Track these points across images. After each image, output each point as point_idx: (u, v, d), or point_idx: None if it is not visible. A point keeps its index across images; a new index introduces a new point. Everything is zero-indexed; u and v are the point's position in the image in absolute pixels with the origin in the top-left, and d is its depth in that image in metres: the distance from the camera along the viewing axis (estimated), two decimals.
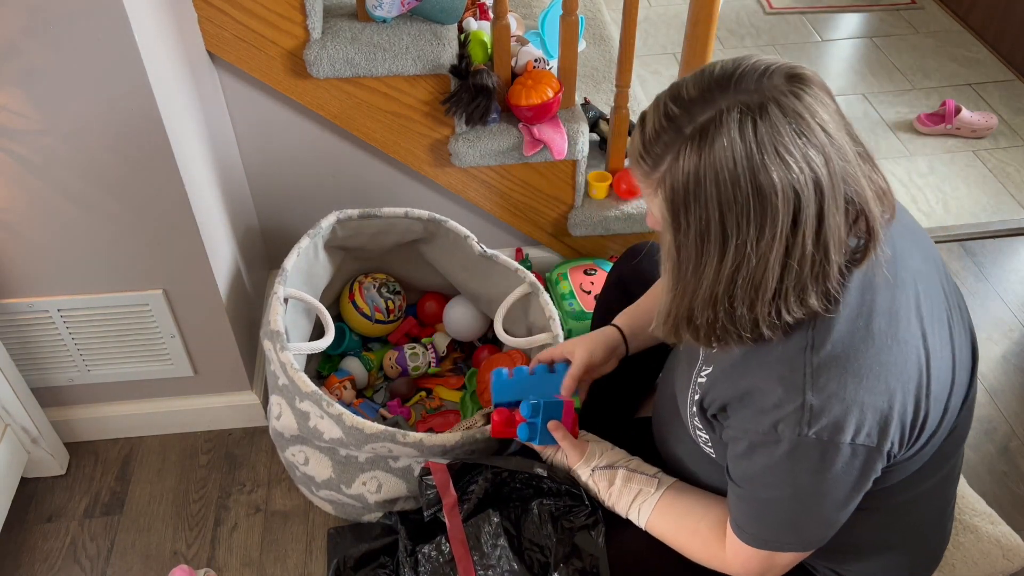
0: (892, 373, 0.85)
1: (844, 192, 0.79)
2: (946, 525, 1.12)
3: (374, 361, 1.81)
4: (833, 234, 0.79)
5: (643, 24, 3.07)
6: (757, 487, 0.92)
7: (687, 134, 0.78)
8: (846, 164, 0.78)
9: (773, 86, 0.78)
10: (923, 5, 3.21)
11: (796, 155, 0.76)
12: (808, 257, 0.79)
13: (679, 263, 0.84)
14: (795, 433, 0.84)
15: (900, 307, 0.87)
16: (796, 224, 0.78)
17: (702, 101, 0.79)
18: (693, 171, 0.78)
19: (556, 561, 1.14)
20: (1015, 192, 2.40)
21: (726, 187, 0.77)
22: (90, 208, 1.37)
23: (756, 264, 0.79)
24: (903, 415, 0.86)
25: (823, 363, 0.84)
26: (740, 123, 0.76)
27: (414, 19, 1.66)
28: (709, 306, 0.84)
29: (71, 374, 1.63)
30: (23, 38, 1.17)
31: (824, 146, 0.77)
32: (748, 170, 0.76)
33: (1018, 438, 1.79)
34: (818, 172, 0.77)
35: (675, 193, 0.80)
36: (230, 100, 1.69)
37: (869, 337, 0.85)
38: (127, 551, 1.58)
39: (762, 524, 0.94)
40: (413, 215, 1.67)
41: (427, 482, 1.29)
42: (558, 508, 1.18)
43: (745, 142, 0.76)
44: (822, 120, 0.77)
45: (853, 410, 0.83)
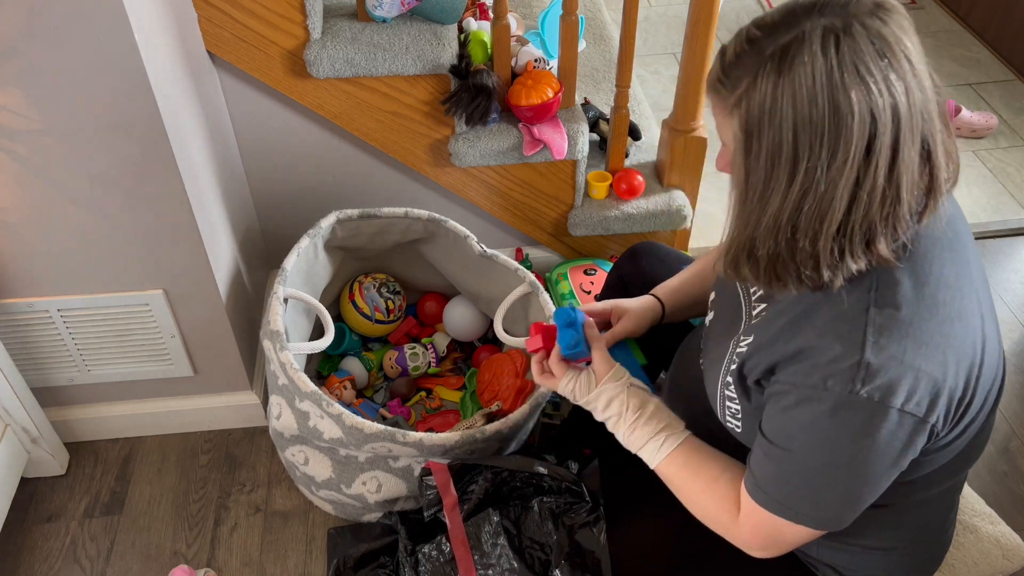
0: (952, 347, 0.83)
1: (921, 128, 0.77)
2: (949, 531, 1.11)
3: (374, 361, 1.81)
4: (907, 170, 0.77)
5: (643, 24, 3.07)
6: (791, 445, 0.88)
7: (768, 54, 0.78)
8: (926, 99, 0.77)
9: (859, 9, 0.76)
10: (923, 5, 3.21)
11: (877, 77, 0.74)
12: (879, 191, 0.77)
13: (747, 188, 0.82)
14: (846, 390, 0.82)
15: (964, 286, 0.87)
16: (870, 152, 0.76)
17: (785, 24, 0.78)
18: (771, 90, 0.77)
19: (557, 558, 1.14)
20: (1015, 192, 2.40)
21: (803, 106, 0.76)
22: (90, 208, 1.37)
23: (824, 191, 0.78)
24: (953, 390, 0.84)
25: (886, 324, 0.83)
26: (823, 41, 0.75)
27: (414, 19, 1.66)
28: (772, 235, 0.82)
29: (71, 374, 1.63)
30: (23, 38, 1.17)
31: (906, 73, 0.76)
32: (827, 88, 0.75)
33: (1018, 438, 1.79)
34: (897, 99, 0.75)
35: (750, 114, 0.79)
36: (230, 100, 1.69)
37: (935, 307, 0.84)
38: (127, 551, 1.58)
39: (784, 486, 0.90)
40: (413, 215, 1.67)
41: (427, 482, 1.29)
42: (559, 505, 1.18)
43: (827, 59, 0.75)
44: (906, 48, 0.76)
45: (908, 375, 0.81)
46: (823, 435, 0.85)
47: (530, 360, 1.62)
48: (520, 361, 1.62)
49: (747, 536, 0.96)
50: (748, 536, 0.96)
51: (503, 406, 1.55)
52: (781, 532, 0.93)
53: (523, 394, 1.56)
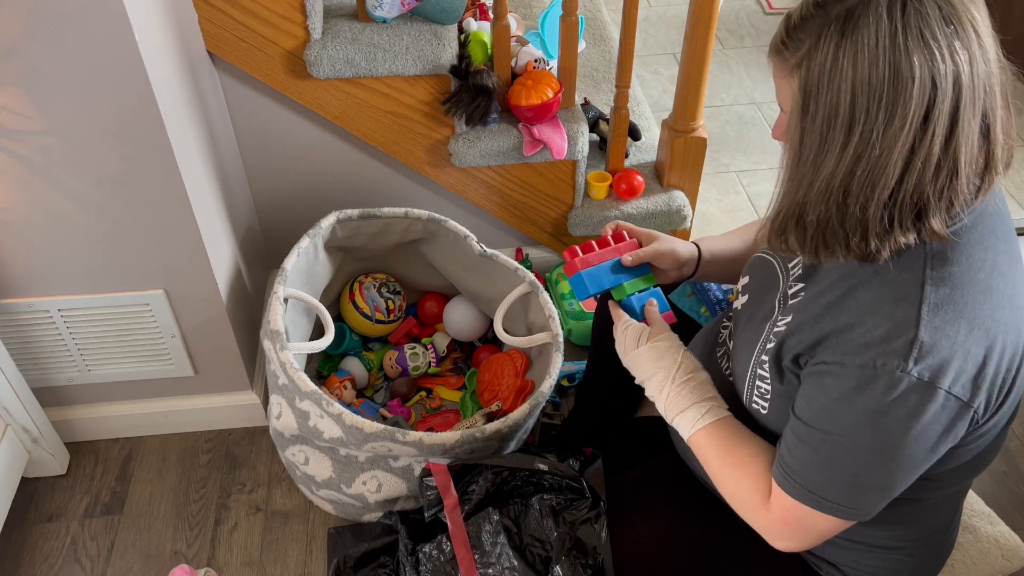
0: (1001, 331, 0.82)
1: (984, 102, 0.76)
2: (953, 534, 1.11)
3: (374, 361, 1.81)
4: (966, 141, 0.76)
5: (643, 24, 3.07)
6: (832, 427, 0.85)
7: (833, 15, 0.77)
8: (990, 72, 0.76)
9: None
10: None
11: (941, 43, 0.73)
12: (934, 160, 0.76)
13: (801, 151, 0.82)
14: (897, 368, 0.80)
15: (1017, 275, 0.86)
16: (927, 120, 0.75)
17: None
18: (833, 51, 0.76)
19: (557, 554, 1.14)
20: (1015, 192, 2.40)
21: (863, 67, 0.75)
22: (90, 208, 1.38)
23: (879, 156, 0.76)
24: (995, 378, 0.83)
25: (942, 302, 0.81)
26: (890, 4, 0.74)
27: (414, 19, 1.67)
28: (823, 200, 0.81)
29: (71, 374, 1.63)
30: (23, 38, 1.17)
31: (971, 43, 0.75)
32: (889, 50, 0.74)
33: (1018, 438, 1.79)
34: (960, 68, 0.74)
35: (810, 74, 0.78)
36: (230, 100, 1.69)
37: (988, 291, 0.83)
38: (127, 551, 1.58)
39: (818, 472, 0.87)
40: (413, 215, 1.67)
41: (427, 483, 1.29)
42: (559, 502, 1.18)
43: (892, 22, 0.74)
44: (974, 18, 0.75)
45: (959, 356, 0.80)
46: (868, 415, 0.82)
47: (531, 360, 1.63)
48: (520, 361, 1.62)
49: (776, 525, 0.93)
50: (778, 525, 0.93)
51: (503, 406, 1.55)
52: (812, 522, 0.90)
53: (523, 394, 1.56)
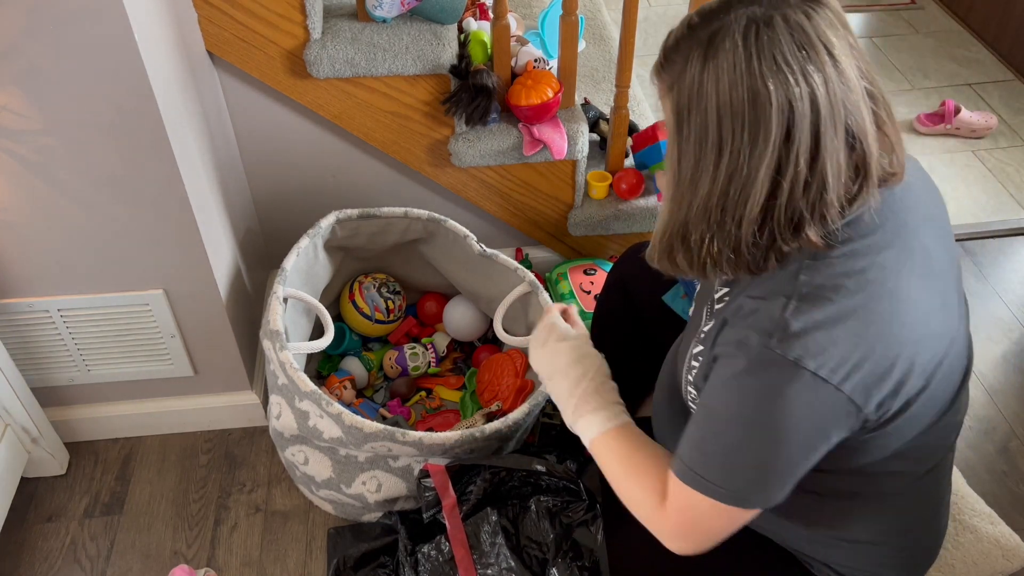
0: (876, 322, 0.85)
1: (844, 119, 0.79)
2: (940, 523, 1.11)
3: (374, 361, 1.81)
4: (831, 159, 0.79)
5: (643, 24, 3.07)
6: (711, 402, 0.91)
7: (699, 39, 0.81)
8: (848, 91, 0.79)
9: (787, 2, 0.79)
10: (923, 5, 3.21)
11: (794, 68, 0.77)
12: (801, 177, 0.80)
13: (679, 171, 0.85)
14: (761, 344, 0.84)
15: (902, 265, 0.88)
16: (789, 139, 0.78)
17: (718, 11, 0.81)
18: (698, 75, 0.80)
19: (553, 556, 1.14)
20: (1015, 192, 2.40)
21: (724, 91, 0.79)
22: (90, 208, 1.37)
23: (748, 175, 0.80)
24: (876, 365, 0.84)
25: (812, 292, 0.85)
26: (745, 31, 0.78)
27: (414, 19, 1.66)
28: (704, 219, 0.85)
29: (71, 374, 1.63)
30: (23, 38, 1.17)
31: (825, 65, 0.78)
32: (746, 75, 0.78)
33: (1018, 438, 1.79)
34: (815, 89, 0.77)
35: (681, 97, 0.82)
36: (230, 100, 1.69)
37: (864, 283, 0.85)
38: (127, 551, 1.58)
39: (700, 452, 0.91)
40: (412, 215, 1.67)
41: (425, 484, 1.29)
42: (556, 504, 1.18)
43: (747, 48, 0.77)
44: (828, 41, 0.78)
45: (826, 343, 0.83)
46: (737, 389, 0.87)
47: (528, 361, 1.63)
48: (520, 361, 1.62)
49: (671, 523, 0.96)
50: (672, 523, 0.96)
51: (503, 406, 1.55)
52: (701, 515, 0.93)
53: (523, 393, 1.56)
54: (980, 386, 1.89)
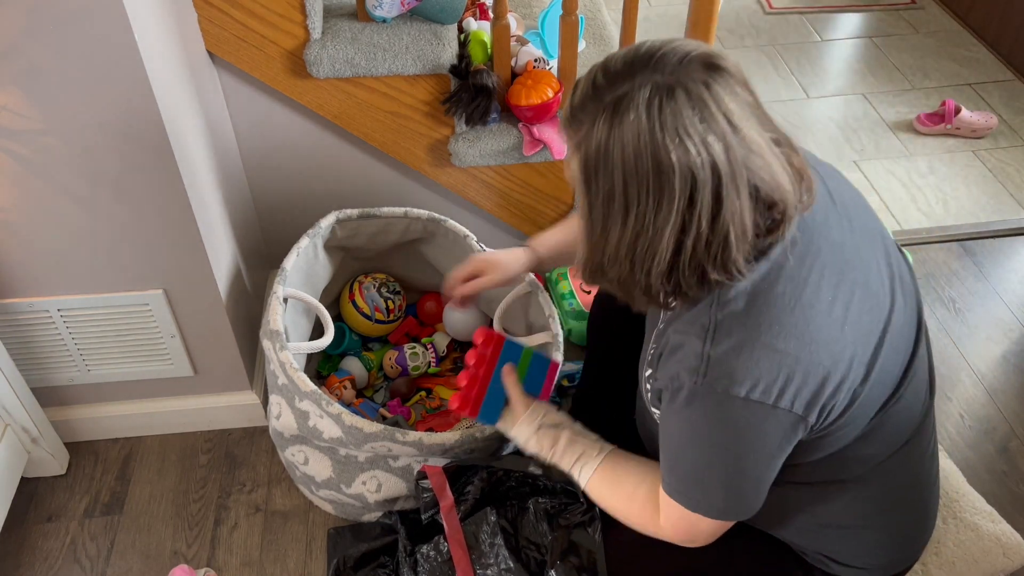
0: (792, 334, 0.88)
1: (748, 179, 0.82)
2: (924, 501, 1.12)
3: (374, 361, 1.81)
4: (733, 218, 0.83)
5: (643, 24, 3.07)
6: (668, 435, 0.97)
7: (604, 103, 0.83)
8: (749, 153, 0.82)
9: (688, 72, 0.82)
10: (923, 5, 3.21)
11: (695, 139, 0.80)
12: (703, 237, 0.83)
13: (591, 222, 0.89)
14: (692, 380, 0.90)
15: (809, 270, 0.91)
16: (692, 203, 0.82)
17: (623, 75, 0.83)
18: (604, 139, 0.83)
19: (552, 559, 1.14)
20: (1015, 192, 2.40)
21: (629, 158, 0.82)
22: (90, 208, 1.37)
23: (653, 235, 0.84)
24: (807, 376, 0.88)
25: (725, 318, 0.89)
26: (648, 101, 0.81)
27: (414, 19, 1.66)
28: (616, 264, 0.89)
29: (71, 374, 1.63)
30: (23, 38, 1.17)
31: (725, 134, 0.81)
32: (650, 144, 0.80)
33: (1018, 438, 1.79)
34: (716, 157, 0.80)
35: (588, 158, 0.85)
36: (230, 100, 1.69)
37: (772, 299, 0.89)
38: (127, 551, 1.58)
39: (675, 475, 0.98)
40: (413, 215, 1.67)
41: (423, 486, 1.29)
42: (554, 506, 1.19)
43: (650, 120, 0.80)
44: (727, 110, 0.81)
45: (749, 366, 0.87)
46: (685, 423, 0.94)
47: None
48: None
49: (670, 532, 1.03)
50: (671, 532, 1.03)
51: None
52: (695, 523, 0.99)
53: None
54: (980, 386, 1.89)
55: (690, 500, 0.97)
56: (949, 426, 1.81)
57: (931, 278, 2.15)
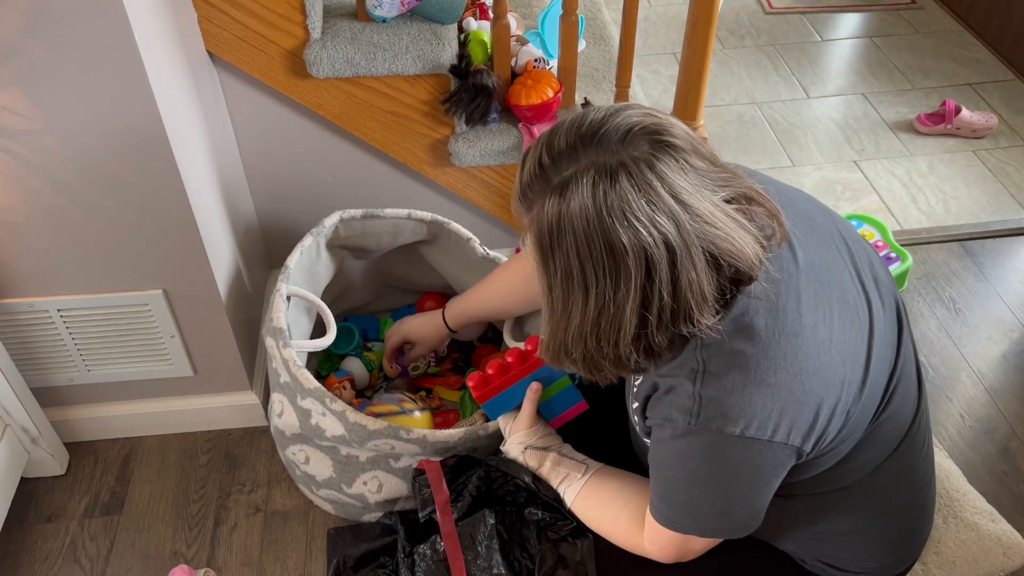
0: (780, 367, 0.87)
1: (703, 248, 0.81)
2: (922, 500, 1.12)
3: (375, 362, 1.81)
4: (691, 287, 0.82)
5: (643, 24, 3.07)
6: (659, 466, 0.98)
7: (552, 185, 0.82)
8: (702, 225, 0.80)
9: (631, 149, 0.80)
10: (923, 5, 3.21)
11: (644, 220, 0.79)
12: (667, 307, 0.82)
13: (551, 301, 0.88)
14: (685, 421, 0.89)
15: (788, 297, 0.90)
16: (650, 279, 0.81)
17: (567, 156, 0.82)
18: (556, 221, 0.82)
19: (542, 572, 1.14)
20: (1015, 192, 2.40)
21: (582, 242, 0.81)
22: (90, 208, 1.37)
23: (615, 311, 0.83)
24: (801, 408, 0.88)
25: (712, 358, 0.88)
26: (593, 186, 0.80)
27: (414, 19, 1.66)
28: (580, 342, 0.88)
29: (71, 374, 1.63)
30: (23, 38, 1.17)
31: (673, 212, 0.79)
32: (599, 230, 0.80)
33: (1018, 438, 1.79)
34: (667, 233, 0.79)
35: (542, 237, 0.84)
36: (230, 100, 1.69)
37: (755, 334, 0.88)
38: (127, 551, 1.58)
39: (666, 503, 0.98)
40: (416, 216, 1.66)
41: (421, 482, 1.29)
42: (543, 518, 1.19)
43: (596, 205, 0.79)
44: (674, 188, 0.80)
45: (743, 405, 0.87)
46: (677, 458, 0.94)
47: None
48: None
49: (656, 554, 1.04)
50: (657, 554, 1.04)
51: None
52: (687, 545, 1.00)
53: None
54: (980, 386, 1.89)
55: (681, 526, 0.98)
56: (949, 426, 1.81)
57: (931, 278, 2.15)
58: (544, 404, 1.24)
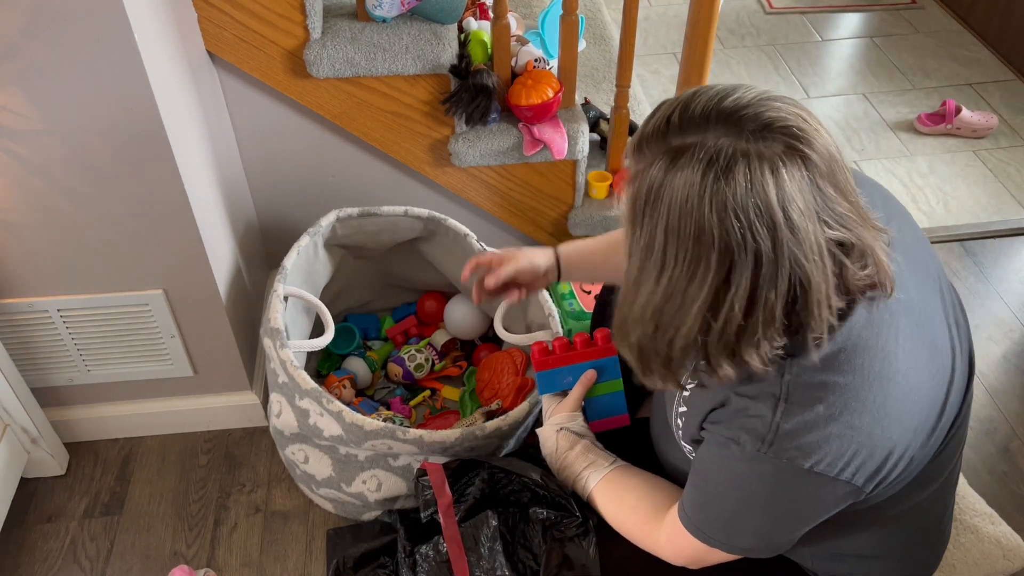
0: (867, 410, 0.84)
1: (789, 275, 0.76)
2: (945, 529, 1.12)
3: (377, 361, 1.81)
4: (766, 308, 0.77)
5: (643, 24, 3.07)
6: (708, 479, 0.94)
7: (669, 147, 0.77)
8: (799, 252, 0.75)
9: (762, 144, 0.74)
10: (923, 5, 3.21)
11: (743, 221, 0.73)
12: (735, 321, 0.77)
13: (628, 268, 0.84)
14: (755, 447, 0.85)
15: (884, 338, 0.86)
16: (727, 284, 0.76)
17: (697, 124, 0.76)
18: (658, 184, 0.77)
19: (547, 572, 1.14)
20: (1015, 192, 2.40)
21: (674, 217, 0.76)
22: (90, 208, 1.37)
23: (681, 303, 0.78)
24: (874, 452, 0.85)
25: (798, 389, 0.84)
26: (707, 165, 0.74)
27: (414, 19, 1.66)
28: (640, 324, 0.83)
29: (71, 374, 1.63)
30: (23, 38, 1.17)
31: (776, 226, 0.74)
32: (695, 211, 0.74)
33: (1018, 438, 1.79)
34: (761, 244, 0.74)
35: (639, 196, 0.79)
36: (230, 100, 1.69)
37: (850, 372, 0.84)
38: (127, 551, 1.58)
39: (703, 514, 0.95)
40: (413, 213, 1.67)
41: (423, 483, 1.29)
42: (549, 517, 1.19)
43: (702, 185, 0.74)
44: (786, 201, 0.73)
45: (821, 442, 0.83)
46: (735, 478, 0.90)
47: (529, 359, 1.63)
48: (519, 359, 1.62)
49: (670, 554, 1.03)
50: (671, 554, 1.02)
51: (503, 404, 1.55)
52: (705, 553, 0.98)
53: (523, 392, 1.56)
54: (981, 386, 1.89)
55: (712, 540, 0.95)
56: None
57: None
58: (590, 400, 1.25)
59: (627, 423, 1.27)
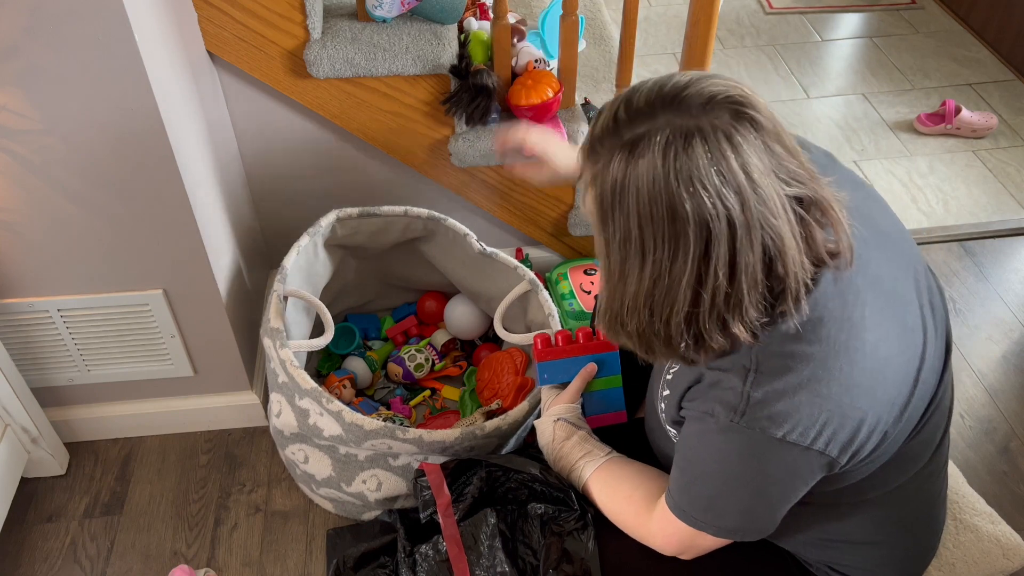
0: (835, 379, 0.86)
1: (762, 238, 0.79)
2: (936, 518, 1.12)
3: (378, 361, 1.81)
4: (747, 272, 0.80)
5: (643, 24, 3.07)
6: (688, 457, 0.96)
7: (623, 141, 0.80)
8: (765, 211, 0.78)
9: (711, 116, 0.78)
10: (923, 5, 3.21)
11: (711, 190, 0.76)
12: (721, 289, 0.80)
13: (609, 265, 0.86)
14: (728, 418, 0.88)
15: (851, 309, 0.88)
16: (708, 254, 0.79)
17: (644, 114, 0.80)
18: (620, 179, 0.80)
19: (546, 567, 1.14)
20: (1015, 192, 2.40)
21: (644, 204, 0.79)
22: (90, 208, 1.37)
23: (670, 283, 0.81)
24: (845, 421, 0.87)
25: (768, 362, 0.87)
26: (665, 147, 0.77)
27: (414, 19, 1.66)
28: (635, 313, 0.86)
29: (71, 374, 1.63)
30: (23, 38, 1.17)
31: (742, 189, 0.77)
32: (664, 193, 0.77)
33: (1018, 438, 1.79)
34: (731, 209, 0.77)
35: (604, 195, 0.82)
36: (230, 100, 1.69)
37: (816, 342, 0.86)
38: (127, 551, 1.58)
39: (687, 495, 0.97)
40: (412, 213, 1.67)
41: (422, 484, 1.29)
42: (547, 512, 1.19)
43: (665, 166, 0.77)
44: (746, 163, 0.77)
45: (790, 410, 0.86)
46: (713, 452, 0.92)
47: (530, 358, 1.63)
48: (520, 359, 1.62)
49: (660, 542, 1.04)
50: (661, 542, 1.03)
51: (503, 404, 1.55)
52: (693, 540, 0.99)
53: (523, 391, 1.56)
54: (980, 386, 1.89)
55: (697, 522, 0.96)
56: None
57: None
58: (588, 395, 1.25)
59: (624, 420, 1.28)
